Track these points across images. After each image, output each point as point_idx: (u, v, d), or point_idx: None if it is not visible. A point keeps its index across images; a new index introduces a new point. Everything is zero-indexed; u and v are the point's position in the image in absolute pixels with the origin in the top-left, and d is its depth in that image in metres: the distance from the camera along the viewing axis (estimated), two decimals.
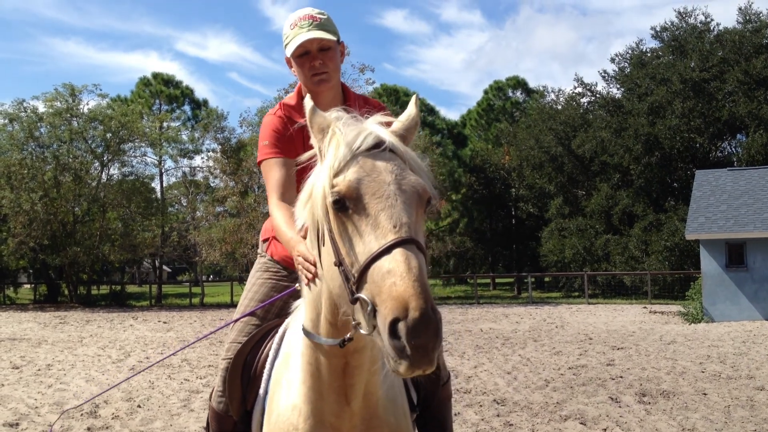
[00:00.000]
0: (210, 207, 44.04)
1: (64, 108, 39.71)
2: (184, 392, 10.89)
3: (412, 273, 1.85)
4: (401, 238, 1.92)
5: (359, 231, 2.01)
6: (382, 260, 1.89)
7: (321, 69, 3.09)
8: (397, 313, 1.78)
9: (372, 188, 2.03)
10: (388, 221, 1.96)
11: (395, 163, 2.11)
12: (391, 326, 1.79)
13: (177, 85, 58.65)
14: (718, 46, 41.92)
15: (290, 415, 2.52)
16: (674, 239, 36.91)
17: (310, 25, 3.07)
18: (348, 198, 2.03)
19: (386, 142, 2.14)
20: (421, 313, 1.77)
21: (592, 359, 14.06)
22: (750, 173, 29.74)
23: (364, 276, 1.93)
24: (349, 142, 2.11)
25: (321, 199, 2.12)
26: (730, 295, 25.12)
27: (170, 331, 22.41)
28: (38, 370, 13.43)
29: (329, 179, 2.09)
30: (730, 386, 10.88)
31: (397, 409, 2.66)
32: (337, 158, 2.10)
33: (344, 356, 2.39)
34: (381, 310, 1.85)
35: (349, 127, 2.17)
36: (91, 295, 44.55)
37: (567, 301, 37.98)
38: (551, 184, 46.16)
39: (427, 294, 1.82)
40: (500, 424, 8.48)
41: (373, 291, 1.89)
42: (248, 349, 3.03)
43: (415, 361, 1.79)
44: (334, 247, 2.08)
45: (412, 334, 1.76)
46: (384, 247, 1.91)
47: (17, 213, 37.48)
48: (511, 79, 64.71)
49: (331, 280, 2.16)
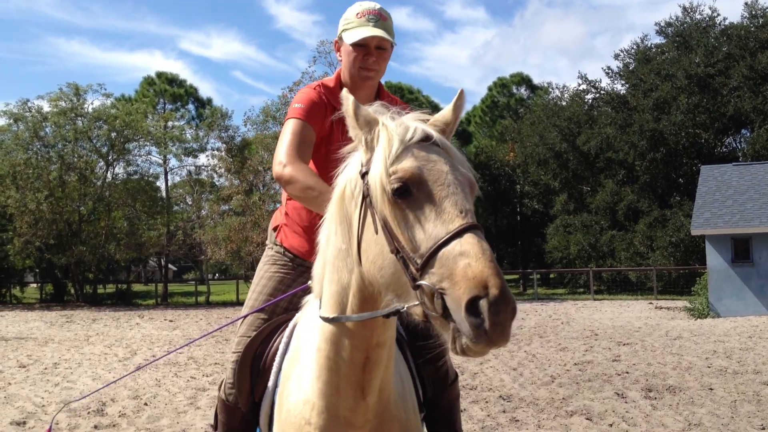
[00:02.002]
0: (215, 205, 44.09)
1: (69, 108, 39.79)
2: (190, 390, 10.91)
3: (487, 254, 1.89)
4: (470, 224, 1.96)
5: (423, 217, 2.02)
6: (453, 244, 1.92)
7: (372, 66, 3.17)
8: (477, 291, 1.81)
9: (433, 175, 2.06)
10: (454, 207, 1.99)
11: (445, 156, 2.15)
12: (470, 304, 1.82)
13: (181, 84, 58.76)
14: (723, 41, 41.80)
15: (302, 410, 2.53)
16: (679, 235, 36.85)
17: (377, 21, 3.13)
18: (411, 183, 2.05)
19: (434, 136, 2.18)
20: (500, 290, 1.82)
21: (597, 355, 14.05)
22: (755, 168, 29.66)
23: (430, 261, 1.94)
24: (400, 134, 2.15)
25: (379, 187, 2.11)
26: (736, 290, 25.07)
27: (176, 329, 22.46)
28: (45, 369, 13.47)
29: (385, 168, 2.10)
30: (737, 381, 10.86)
31: (407, 406, 2.69)
32: (391, 149, 2.12)
33: (366, 350, 2.40)
34: (454, 290, 1.86)
35: (395, 121, 2.21)
36: (97, 294, 44.65)
37: (572, 298, 37.95)
38: (556, 180, 46.09)
39: (502, 275, 1.87)
40: (506, 420, 8.48)
41: (442, 274, 1.90)
42: (258, 343, 3.05)
43: (493, 338, 1.82)
44: (389, 235, 2.08)
45: (493, 311, 1.80)
46: (454, 231, 1.93)
47: (23, 213, 37.57)
48: (516, 75, 64.66)
49: (379, 270, 2.15)
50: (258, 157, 39.74)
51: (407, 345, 2.94)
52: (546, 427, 8.09)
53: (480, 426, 8.17)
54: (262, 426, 2.92)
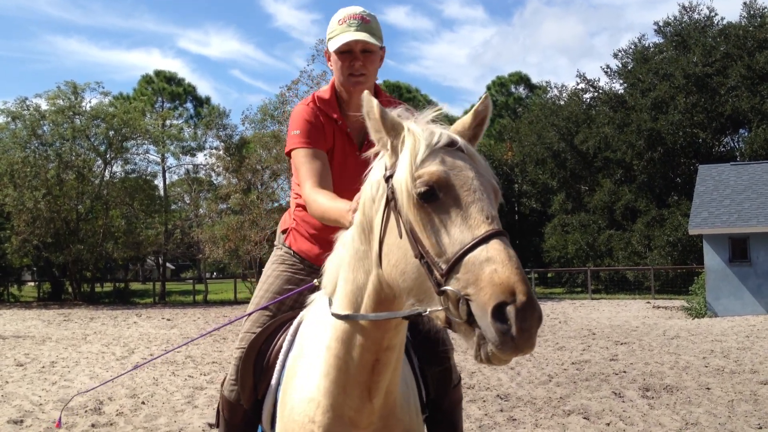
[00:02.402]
0: (213, 204, 44.01)
1: (67, 106, 39.77)
2: (188, 389, 10.91)
3: (513, 261, 1.88)
4: (496, 230, 1.95)
5: (449, 222, 2.01)
6: (479, 250, 1.91)
7: (360, 71, 3.12)
8: (504, 297, 1.81)
9: (459, 180, 2.06)
10: (480, 213, 1.99)
11: (470, 162, 2.15)
12: (496, 310, 1.81)
13: (179, 83, 58.73)
14: (721, 40, 41.82)
15: (306, 408, 2.52)
16: (677, 234, 36.90)
17: (359, 25, 3.09)
18: (438, 187, 2.04)
19: (459, 142, 2.18)
20: (528, 296, 1.81)
21: (595, 354, 14.06)
22: (753, 168, 29.69)
23: (456, 267, 1.93)
24: (427, 138, 2.14)
25: (405, 191, 2.10)
26: (734, 289, 25.09)
27: (174, 328, 22.45)
28: (42, 368, 13.46)
29: (411, 172, 2.09)
30: (734, 381, 10.88)
31: (411, 408, 2.69)
32: (416, 153, 2.11)
33: (376, 352, 2.40)
34: (479, 296, 1.85)
35: (420, 125, 2.21)
36: (94, 293, 44.61)
37: (570, 297, 37.99)
38: (554, 179, 46.13)
39: (528, 281, 1.86)
40: (504, 419, 8.48)
41: (468, 280, 1.89)
42: (262, 339, 3.04)
43: (519, 344, 1.81)
44: (413, 239, 2.07)
45: (520, 317, 1.79)
46: (480, 237, 1.93)
47: (20, 211, 37.53)
48: (514, 74, 64.75)
49: (401, 274, 2.14)
50: (256, 156, 39.69)
51: (411, 346, 2.95)
52: (543, 427, 8.10)
53: (478, 425, 8.17)
54: (265, 423, 2.92)
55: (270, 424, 2.87)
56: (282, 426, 2.64)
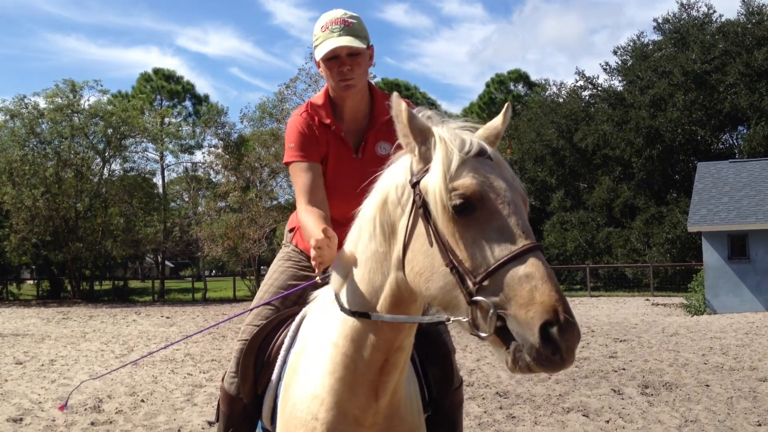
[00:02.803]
0: (211, 202, 44.03)
1: (65, 104, 39.70)
2: (187, 387, 10.90)
3: (552, 278, 1.90)
4: (534, 245, 1.96)
5: (485, 235, 2.01)
6: (516, 265, 1.92)
7: (348, 75, 3.10)
8: (548, 317, 1.83)
9: (494, 193, 2.06)
10: (517, 227, 2.00)
11: (498, 172, 2.14)
12: (543, 330, 1.83)
13: (178, 81, 58.73)
14: (719, 37, 41.82)
15: (310, 405, 2.50)
16: (676, 231, 36.92)
17: (341, 29, 3.07)
18: (474, 200, 2.04)
19: (489, 151, 2.18)
20: (569, 316, 1.84)
21: (594, 351, 14.07)
22: (752, 165, 29.71)
23: (490, 279, 1.94)
24: (458, 147, 2.12)
25: (439, 202, 2.08)
26: (733, 286, 25.12)
27: (173, 326, 22.44)
28: (41, 366, 13.45)
29: (446, 183, 2.07)
30: (733, 378, 10.89)
31: (414, 408, 2.68)
32: (449, 162, 2.10)
33: (387, 353, 2.39)
34: (520, 313, 1.87)
35: (450, 132, 2.18)
36: (93, 291, 44.59)
37: (569, 294, 37.98)
38: (553, 177, 46.11)
39: (566, 298, 1.89)
40: (503, 416, 8.49)
41: (504, 295, 1.91)
42: (264, 333, 3.03)
43: (566, 361, 1.86)
44: (443, 249, 2.06)
45: (564, 337, 1.83)
46: (517, 252, 1.93)
47: (19, 209, 37.50)
48: (513, 72, 64.73)
49: (425, 282, 2.13)
50: (255, 153, 39.70)
51: (414, 346, 2.94)
52: (543, 424, 8.10)
53: (477, 422, 8.18)
54: (265, 419, 2.90)
55: (270, 419, 2.85)
56: (284, 422, 2.61)
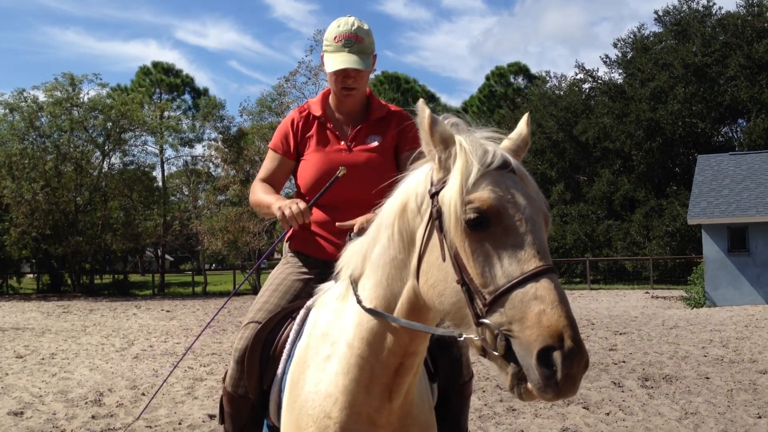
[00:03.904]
0: (211, 196, 44.05)
1: (64, 97, 39.66)
2: (188, 380, 10.91)
3: (564, 303, 1.82)
4: (548, 266, 1.88)
5: (497, 253, 1.94)
6: (527, 286, 1.85)
7: (351, 85, 3.31)
8: (551, 341, 1.76)
9: (512, 209, 1.97)
10: (532, 247, 1.92)
11: (520, 186, 2.07)
12: (542, 353, 1.77)
13: (177, 74, 58.61)
14: (720, 30, 41.77)
15: (322, 403, 2.48)
16: (675, 224, 36.94)
17: (352, 45, 3.25)
18: (488, 216, 1.96)
19: (512, 163, 2.11)
20: (576, 343, 1.77)
21: (594, 344, 14.08)
22: (752, 157, 29.68)
23: (500, 300, 1.88)
24: (479, 158, 2.05)
25: (453, 214, 2.01)
26: (732, 279, 25.13)
27: (173, 319, 22.46)
28: (42, 359, 13.45)
29: (462, 195, 2.00)
30: (733, 370, 10.90)
31: (425, 405, 2.67)
32: (468, 174, 2.02)
33: (402, 357, 2.37)
34: (524, 335, 1.81)
35: (473, 142, 2.10)
36: (93, 285, 44.60)
37: (569, 287, 38.00)
38: (553, 170, 46.09)
39: (577, 326, 1.81)
40: (503, 409, 8.50)
41: (513, 316, 1.84)
42: (270, 327, 3.02)
43: (563, 390, 1.78)
44: (457, 264, 2.00)
45: (566, 364, 1.75)
46: (530, 273, 1.86)
47: (19, 203, 37.51)
48: (513, 65, 64.66)
49: (438, 296, 2.09)
50: (254, 147, 39.68)
51: None
52: (543, 416, 8.11)
53: (477, 415, 8.18)
54: (272, 413, 2.88)
55: (277, 413, 2.84)
56: (293, 418, 2.58)
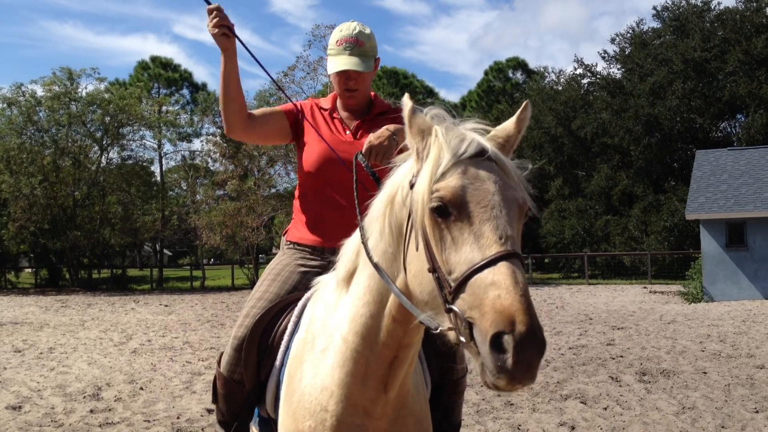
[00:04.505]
0: (210, 190, 43.97)
1: (63, 92, 39.60)
2: (186, 374, 10.92)
3: (519, 287, 1.81)
4: (507, 251, 1.88)
5: (459, 240, 1.96)
6: (486, 272, 1.85)
7: (353, 87, 3.37)
8: (502, 326, 1.75)
9: (477, 197, 1.98)
10: (493, 233, 1.91)
11: (497, 173, 2.06)
12: (494, 340, 1.76)
13: (176, 69, 58.45)
14: (718, 25, 41.70)
15: (319, 396, 2.49)
16: (674, 219, 36.95)
17: (353, 49, 3.32)
18: (451, 204, 1.98)
19: (489, 151, 2.09)
20: (527, 327, 1.75)
21: (592, 339, 14.10)
22: (750, 153, 29.69)
23: (462, 287, 1.89)
24: (453, 148, 2.06)
25: (420, 203, 2.05)
26: (730, 274, 25.17)
27: (171, 314, 22.46)
28: (40, 354, 13.47)
29: (430, 184, 2.02)
30: (730, 365, 10.92)
31: (420, 396, 2.68)
32: (439, 163, 2.04)
33: (396, 349, 2.39)
34: (482, 322, 1.81)
35: (451, 132, 2.12)
36: (92, 279, 44.63)
37: (567, 282, 38.06)
38: (551, 165, 46.08)
39: (533, 310, 1.79)
40: (501, 403, 8.51)
41: (472, 302, 1.85)
42: (268, 318, 3.02)
43: (516, 376, 1.76)
44: (428, 253, 2.03)
45: (517, 349, 1.74)
46: (489, 258, 1.86)
47: (17, 197, 37.52)
48: (512, 60, 64.51)
49: (419, 285, 2.11)
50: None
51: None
52: (541, 411, 8.12)
53: (475, 410, 8.20)
54: (269, 405, 2.89)
55: (273, 406, 2.85)
56: (291, 412, 2.60)
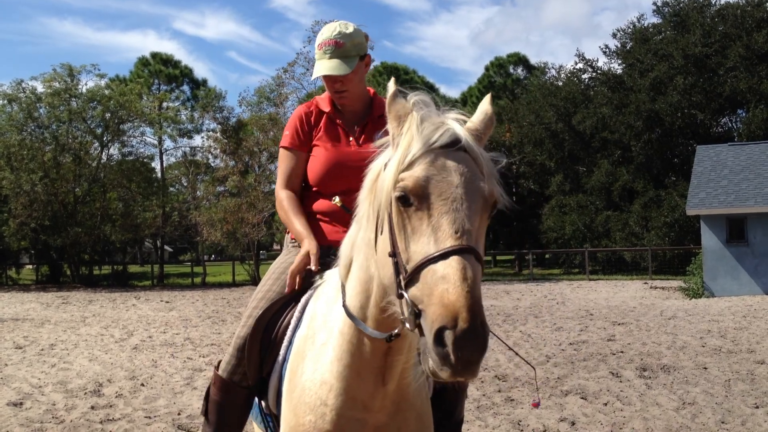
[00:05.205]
0: (210, 187, 44.01)
1: (63, 88, 39.58)
2: (187, 371, 10.94)
3: (467, 283, 1.81)
4: (461, 246, 1.88)
5: (418, 230, 1.98)
6: (438, 264, 1.86)
7: (340, 89, 3.28)
8: (445, 321, 1.77)
9: (439, 188, 1.99)
10: (450, 226, 1.92)
11: (467, 165, 2.06)
12: (437, 333, 1.78)
13: (176, 65, 58.40)
14: (719, 20, 41.63)
15: (318, 390, 2.50)
16: (674, 215, 36.95)
17: (332, 51, 3.21)
18: (413, 195, 2.00)
19: (462, 141, 2.08)
20: (469, 325, 1.75)
21: (592, 335, 14.11)
22: (751, 148, 29.67)
23: (416, 275, 1.91)
24: (425, 137, 2.06)
25: (386, 191, 2.09)
26: (731, 270, 25.17)
27: (173, 310, 22.48)
28: (41, 350, 13.48)
29: (396, 172, 2.05)
30: (731, 360, 10.92)
31: (422, 392, 2.67)
32: (409, 152, 2.05)
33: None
34: (429, 313, 1.83)
35: (426, 120, 2.12)
36: (93, 275, 44.63)
37: (568, 278, 38.07)
38: (552, 160, 46.07)
39: (478, 307, 1.80)
40: (501, 399, 8.52)
41: (423, 291, 1.88)
42: (270, 315, 3.03)
43: (457, 371, 1.78)
44: (391, 237, 2.06)
45: (457, 346, 1.75)
46: (442, 252, 1.88)
47: (18, 194, 37.55)
48: (513, 55, 64.39)
49: (382, 268, 2.15)
50: (253, 138, 39.61)
51: None
52: (541, 407, 8.12)
53: (475, 405, 8.21)
54: (271, 401, 2.89)
55: (276, 401, 2.85)
56: (292, 407, 2.61)
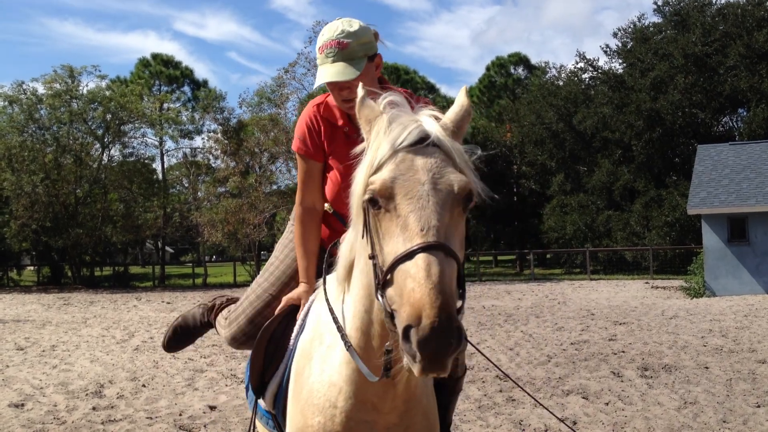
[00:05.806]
0: (211, 187, 44.04)
1: (64, 89, 39.64)
2: (188, 371, 10.94)
3: (431, 280, 1.81)
4: (426, 243, 1.88)
5: (389, 231, 2.00)
6: (407, 264, 1.87)
7: (348, 96, 3.00)
8: (411, 320, 1.78)
9: (405, 188, 1.99)
10: (416, 224, 1.93)
11: (436, 160, 2.05)
12: (404, 332, 1.80)
13: (176, 66, 58.42)
14: (720, 19, 41.60)
15: (327, 392, 2.51)
16: (675, 214, 36.93)
17: (335, 54, 2.97)
18: (381, 197, 2.01)
19: (431, 136, 2.07)
20: (431, 323, 1.75)
21: (594, 334, 14.10)
22: (752, 147, 29.65)
23: (390, 276, 1.93)
24: (392, 138, 2.07)
25: (357, 196, 2.13)
26: (732, 269, 25.15)
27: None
28: (43, 351, 13.49)
29: (366, 176, 2.08)
30: (732, 360, 10.92)
31: (428, 390, 2.69)
32: (377, 155, 2.08)
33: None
34: (400, 313, 1.85)
35: (394, 121, 2.12)
36: (94, 277, 44.68)
37: (569, 278, 38.05)
38: (553, 160, 46.05)
39: (443, 302, 1.78)
40: (503, 399, 8.52)
41: (396, 292, 1.90)
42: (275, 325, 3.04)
43: (426, 367, 1.80)
44: (369, 241, 2.10)
45: (420, 343, 1.76)
46: (409, 251, 1.89)
47: (19, 195, 37.59)
48: (513, 55, 64.38)
49: (364, 271, 2.23)
50: (254, 138, 39.64)
51: None
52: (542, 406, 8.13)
53: (477, 405, 8.21)
54: (268, 401, 2.90)
55: (272, 403, 2.86)
56: (299, 408, 2.61)
